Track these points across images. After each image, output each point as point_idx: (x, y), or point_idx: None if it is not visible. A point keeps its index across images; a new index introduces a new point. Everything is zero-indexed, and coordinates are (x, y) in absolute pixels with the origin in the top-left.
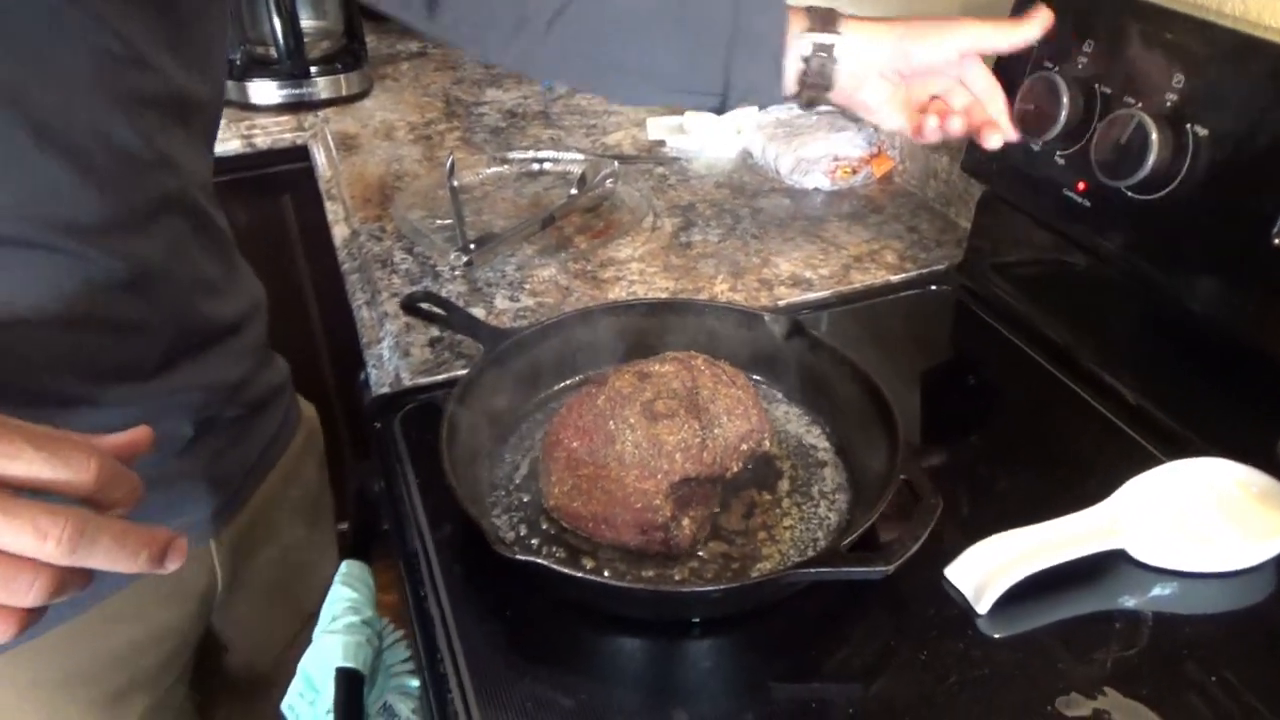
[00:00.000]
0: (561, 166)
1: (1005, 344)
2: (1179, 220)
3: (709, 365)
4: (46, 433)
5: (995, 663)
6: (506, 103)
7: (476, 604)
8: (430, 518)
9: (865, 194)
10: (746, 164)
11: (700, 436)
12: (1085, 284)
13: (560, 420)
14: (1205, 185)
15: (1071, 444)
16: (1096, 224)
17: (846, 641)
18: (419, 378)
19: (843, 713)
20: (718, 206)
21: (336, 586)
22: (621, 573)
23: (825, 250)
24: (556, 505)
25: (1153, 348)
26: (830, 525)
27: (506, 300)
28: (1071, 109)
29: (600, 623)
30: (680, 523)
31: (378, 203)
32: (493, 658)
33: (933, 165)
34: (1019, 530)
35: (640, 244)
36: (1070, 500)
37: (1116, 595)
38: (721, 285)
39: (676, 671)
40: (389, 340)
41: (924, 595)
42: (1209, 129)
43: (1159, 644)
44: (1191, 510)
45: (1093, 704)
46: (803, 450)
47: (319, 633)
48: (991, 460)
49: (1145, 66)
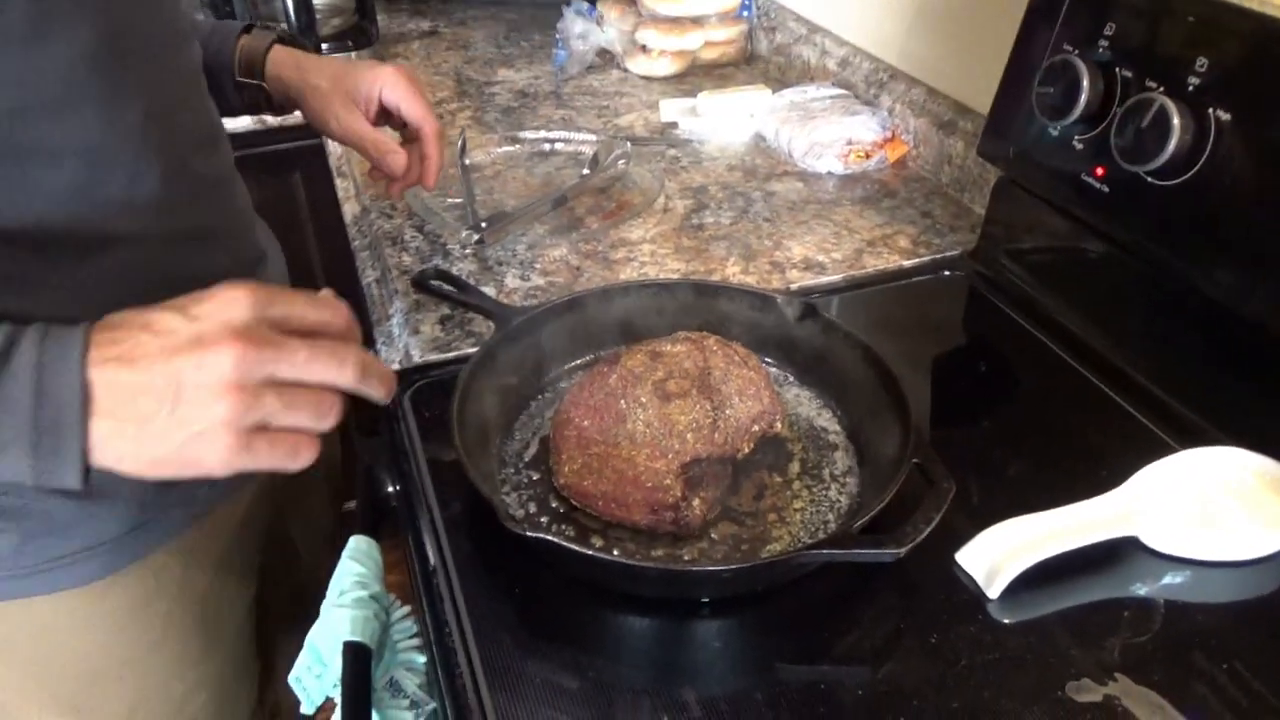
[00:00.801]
0: (573, 147)
1: (1019, 330)
2: (1199, 206)
3: (721, 346)
4: (305, 293)
5: (1006, 647)
6: (518, 82)
7: (485, 581)
8: (439, 495)
9: (879, 178)
10: (759, 147)
11: (712, 417)
12: (1101, 270)
13: (571, 398)
14: (1227, 170)
15: (1085, 431)
16: (1114, 210)
17: (856, 624)
18: (429, 355)
19: (851, 695)
20: (730, 189)
21: (344, 561)
22: (631, 552)
23: (838, 234)
24: (567, 483)
25: (1168, 335)
26: (840, 508)
27: (517, 279)
28: (1091, 92)
29: (609, 601)
30: (691, 503)
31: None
32: (501, 635)
33: (947, 150)
34: (1031, 516)
35: (652, 225)
36: (1083, 487)
37: (1129, 582)
38: (733, 268)
39: (685, 651)
40: (399, 317)
41: (934, 579)
42: (1231, 113)
43: (1171, 632)
44: (1206, 499)
45: (1103, 690)
46: (814, 433)
47: (327, 606)
48: (1003, 446)
49: (1167, 49)
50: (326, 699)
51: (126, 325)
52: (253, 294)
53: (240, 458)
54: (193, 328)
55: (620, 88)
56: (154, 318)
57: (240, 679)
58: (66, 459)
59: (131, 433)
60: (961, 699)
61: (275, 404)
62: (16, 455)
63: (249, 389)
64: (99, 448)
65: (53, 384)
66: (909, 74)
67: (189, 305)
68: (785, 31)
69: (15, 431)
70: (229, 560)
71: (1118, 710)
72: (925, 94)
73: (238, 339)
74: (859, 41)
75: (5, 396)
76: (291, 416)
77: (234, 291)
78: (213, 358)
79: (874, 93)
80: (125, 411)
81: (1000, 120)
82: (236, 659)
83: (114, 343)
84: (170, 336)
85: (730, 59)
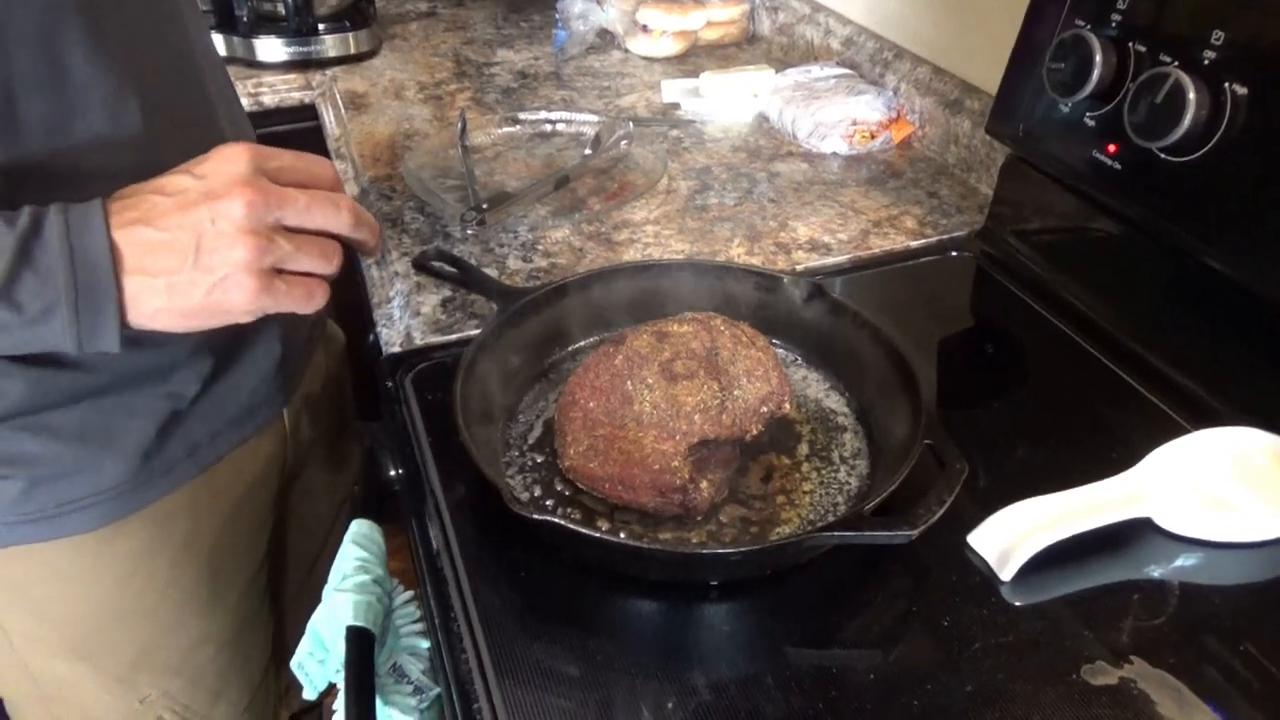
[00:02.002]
0: (574, 128)
1: (1028, 311)
2: (1214, 183)
3: (729, 326)
4: (295, 151)
5: (1019, 630)
6: (518, 63)
7: (490, 565)
8: (443, 478)
9: (884, 159)
10: (763, 128)
11: (719, 398)
12: (1112, 249)
13: (577, 380)
14: (1243, 146)
15: (1096, 412)
16: (1127, 187)
17: (867, 607)
18: (430, 337)
19: (863, 678)
20: (734, 170)
21: (347, 545)
22: (638, 534)
23: (843, 215)
24: (572, 466)
25: (1181, 315)
26: (850, 490)
27: (519, 261)
28: (1104, 68)
29: (616, 585)
30: (698, 485)
31: (387, 161)
32: (506, 620)
33: (954, 130)
34: (1043, 497)
35: (655, 207)
36: (1095, 469)
37: (1142, 564)
38: (738, 249)
39: (693, 635)
40: (399, 300)
41: (945, 562)
42: (1248, 88)
43: (1185, 614)
44: (1219, 480)
45: (1119, 673)
46: (822, 414)
47: (329, 591)
48: (1013, 428)
49: (1181, 23)
50: (329, 685)
51: (139, 192)
52: (249, 150)
53: (262, 299)
54: (202, 184)
55: (621, 68)
56: (163, 182)
57: (250, 638)
58: (105, 318)
59: (161, 286)
60: (975, 682)
61: (287, 246)
62: (59, 321)
63: (262, 233)
64: (133, 305)
65: (83, 248)
66: (914, 53)
67: (193, 167)
68: (788, 11)
69: (55, 295)
70: (236, 517)
71: (1134, 693)
72: (931, 73)
73: (246, 187)
74: (863, 20)
75: (42, 267)
76: (302, 259)
77: (232, 149)
78: (225, 206)
79: (879, 72)
80: (153, 266)
81: (1009, 98)
82: (245, 617)
83: (131, 208)
84: (182, 195)
85: (733, 39)
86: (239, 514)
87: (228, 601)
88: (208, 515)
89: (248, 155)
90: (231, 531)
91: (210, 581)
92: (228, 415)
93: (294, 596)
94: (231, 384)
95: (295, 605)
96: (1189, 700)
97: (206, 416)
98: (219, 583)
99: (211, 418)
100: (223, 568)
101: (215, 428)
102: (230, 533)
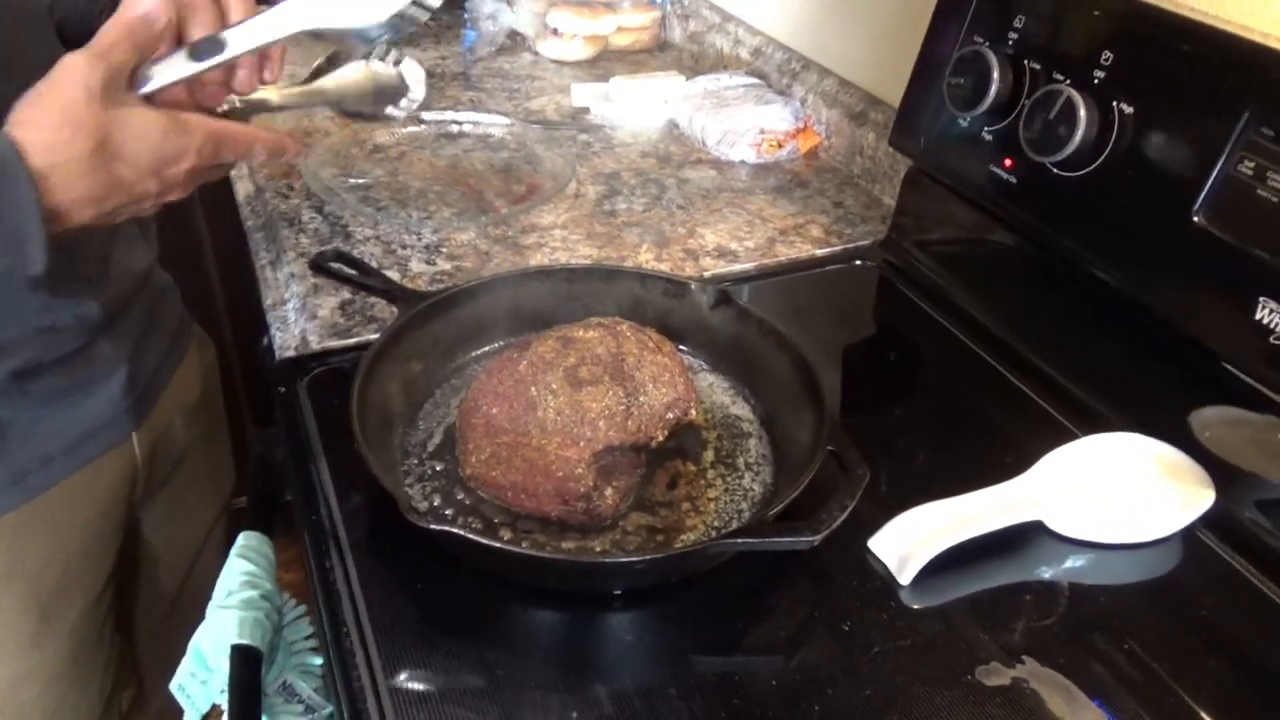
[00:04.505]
0: (482, 129)
1: (928, 319)
2: (1103, 197)
3: (635, 332)
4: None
5: (918, 633)
6: (424, 62)
7: (386, 577)
8: (338, 487)
9: (791, 168)
10: (672, 134)
11: (625, 404)
12: (1008, 261)
13: (479, 386)
14: (1129, 163)
15: (991, 418)
16: (1022, 201)
17: (770, 613)
18: (328, 341)
19: (766, 685)
20: (643, 175)
21: (233, 559)
22: (541, 544)
23: (751, 223)
24: (474, 474)
25: (1072, 324)
26: (755, 496)
27: (423, 264)
28: (1001, 84)
29: (519, 595)
30: (603, 492)
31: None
32: (403, 632)
33: (859, 141)
34: (941, 502)
35: (563, 211)
36: (990, 473)
37: (1035, 566)
38: (646, 255)
39: (596, 645)
40: (295, 302)
41: (847, 567)
42: (1134, 106)
43: (1074, 613)
44: (1107, 483)
45: (1011, 673)
46: (728, 420)
47: (213, 607)
48: (913, 433)
49: (1074, 42)
50: (213, 706)
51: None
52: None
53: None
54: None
55: (531, 71)
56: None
57: (87, 669)
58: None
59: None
60: (874, 685)
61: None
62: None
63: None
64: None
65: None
66: (822, 64)
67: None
68: (699, 19)
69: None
70: (72, 542)
71: (1025, 692)
72: (837, 85)
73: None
74: (772, 31)
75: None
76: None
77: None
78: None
79: (787, 83)
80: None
81: (911, 111)
82: (80, 647)
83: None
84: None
85: (644, 45)
86: (77, 539)
87: (59, 632)
88: (36, 543)
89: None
90: (66, 558)
91: (38, 612)
92: (65, 440)
93: (160, 618)
94: (68, 407)
95: (158, 627)
96: (1077, 698)
97: (35, 441)
98: (50, 614)
99: (40, 442)
100: (55, 597)
101: (46, 452)
102: (64, 559)
